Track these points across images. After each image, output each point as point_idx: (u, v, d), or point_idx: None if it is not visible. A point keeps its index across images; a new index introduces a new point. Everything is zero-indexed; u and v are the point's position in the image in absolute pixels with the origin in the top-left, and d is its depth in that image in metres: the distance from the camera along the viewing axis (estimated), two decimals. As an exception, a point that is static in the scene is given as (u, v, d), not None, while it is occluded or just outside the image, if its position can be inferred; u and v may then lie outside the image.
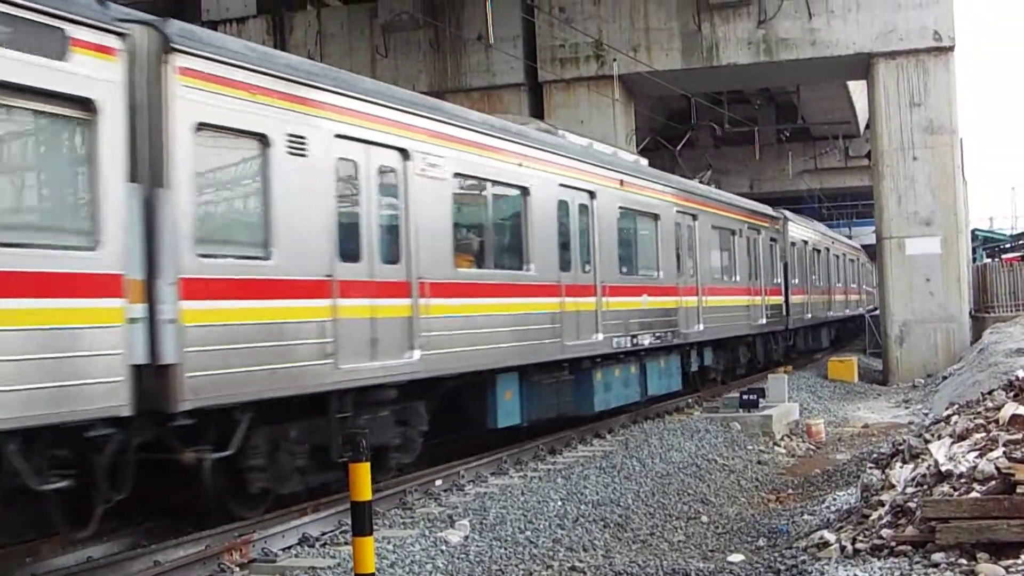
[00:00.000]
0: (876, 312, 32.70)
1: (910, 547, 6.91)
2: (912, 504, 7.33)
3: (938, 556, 6.65)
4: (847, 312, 41.04)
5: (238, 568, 8.26)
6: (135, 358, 7.74)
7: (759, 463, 14.36)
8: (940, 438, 8.94)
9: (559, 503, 10.77)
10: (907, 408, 20.65)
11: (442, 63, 27.57)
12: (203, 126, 8.47)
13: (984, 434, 8.35)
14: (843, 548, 7.37)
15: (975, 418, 9.18)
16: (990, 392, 11.19)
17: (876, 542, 7.17)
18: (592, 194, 15.31)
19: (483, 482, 12.01)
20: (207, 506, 9.17)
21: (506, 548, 9.03)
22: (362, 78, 11.28)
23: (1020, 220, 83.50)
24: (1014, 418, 8.39)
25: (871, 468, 9.46)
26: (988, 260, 44.53)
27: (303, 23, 28.76)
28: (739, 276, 23.30)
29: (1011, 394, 10.15)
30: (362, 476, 6.63)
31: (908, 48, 25.24)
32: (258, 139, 9.06)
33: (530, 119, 17.84)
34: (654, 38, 26.63)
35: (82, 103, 7.51)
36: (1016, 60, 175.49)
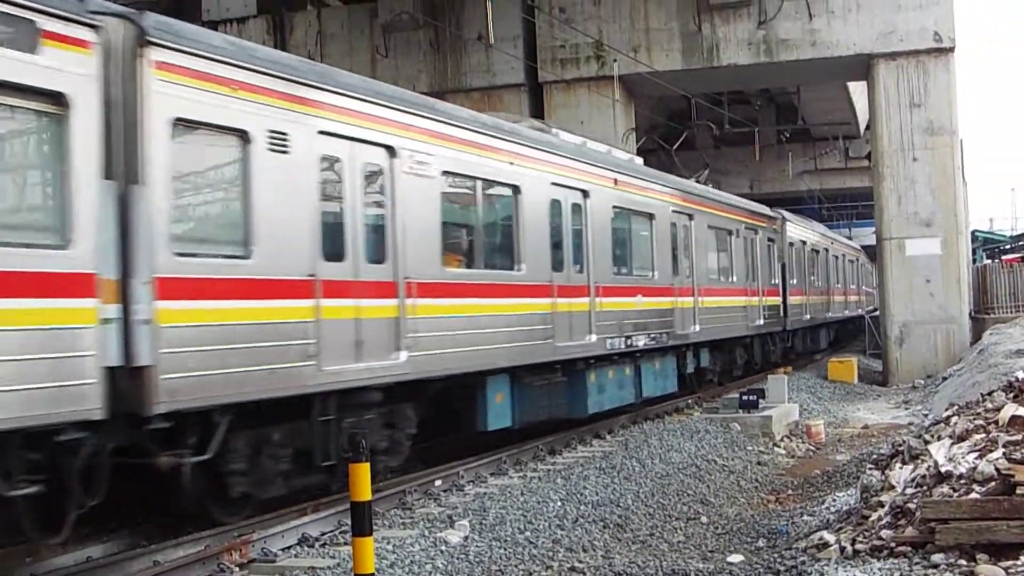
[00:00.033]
0: (876, 313, 32.58)
1: (910, 548, 6.92)
2: (912, 505, 7.37)
3: (938, 557, 6.67)
4: (846, 313, 40.92)
5: (238, 568, 8.24)
6: (108, 360, 7.56)
7: (759, 464, 14.34)
8: (940, 439, 8.98)
9: (559, 503, 10.76)
10: (907, 409, 20.63)
11: (442, 63, 27.51)
12: (180, 122, 8.30)
13: (984, 435, 8.37)
14: (843, 549, 7.37)
15: (975, 419, 9.21)
16: (990, 393, 11.25)
17: (876, 543, 7.18)
18: (585, 193, 15.10)
19: (483, 482, 11.98)
20: (187, 511, 9.01)
21: (506, 548, 9.02)
22: (347, 73, 11.07)
23: (1020, 221, 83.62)
24: (1014, 419, 8.41)
25: (871, 469, 9.50)
26: (988, 261, 44.52)
27: (303, 23, 28.70)
28: (736, 277, 23.11)
29: (1011, 395, 10.20)
30: (362, 476, 6.62)
31: (908, 49, 25.21)
32: (238, 135, 8.87)
33: (523, 117, 17.60)
34: (654, 38, 26.58)
35: (53, 97, 7.33)
36: (1016, 61, 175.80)
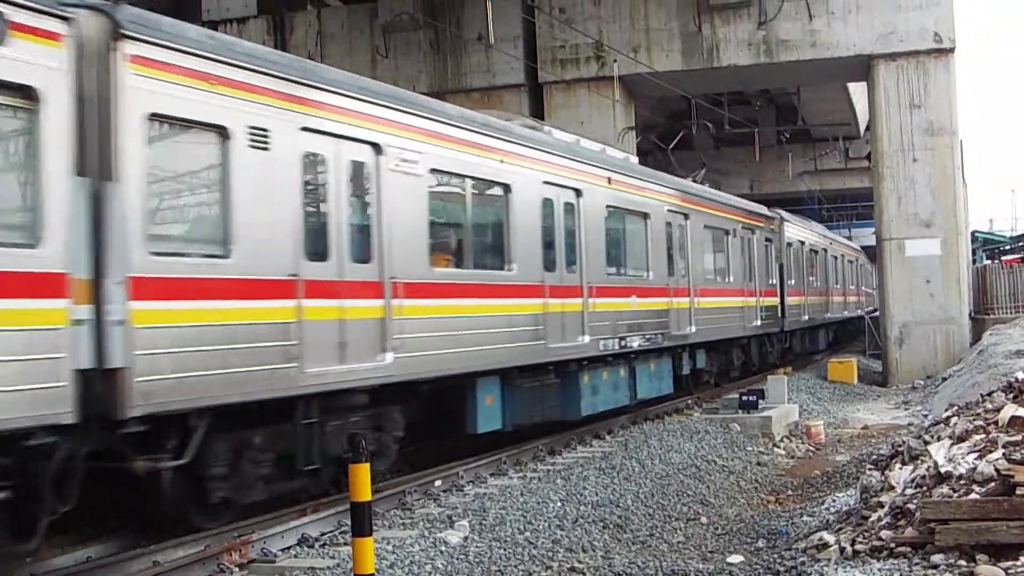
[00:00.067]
0: (875, 314, 32.40)
1: (909, 548, 6.93)
2: (911, 506, 7.39)
3: (937, 557, 6.69)
4: (845, 314, 40.75)
5: (237, 568, 8.19)
6: (80, 362, 7.35)
7: (758, 464, 14.31)
8: (939, 440, 8.98)
9: (558, 504, 10.75)
10: (907, 409, 20.58)
11: (442, 63, 27.44)
12: (156, 117, 8.10)
13: (983, 436, 8.35)
14: (842, 549, 7.39)
15: (974, 420, 9.20)
16: (989, 394, 11.28)
17: (875, 543, 7.20)
18: (578, 192, 14.89)
19: (482, 483, 11.93)
20: (166, 516, 8.83)
21: (505, 549, 9.01)
22: (332, 69, 10.86)
23: (1020, 222, 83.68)
24: (1013, 420, 8.40)
25: (870, 469, 9.54)
26: (988, 262, 44.42)
27: (303, 23, 28.67)
28: (733, 277, 22.90)
29: (1010, 396, 10.21)
30: (362, 477, 6.57)
31: (908, 50, 25.15)
32: (217, 131, 8.66)
33: (515, 115, 17.37)
34: (654, 39, 26.52)
35: (22, 91, 7.14)
36: (1016, 62, 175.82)
